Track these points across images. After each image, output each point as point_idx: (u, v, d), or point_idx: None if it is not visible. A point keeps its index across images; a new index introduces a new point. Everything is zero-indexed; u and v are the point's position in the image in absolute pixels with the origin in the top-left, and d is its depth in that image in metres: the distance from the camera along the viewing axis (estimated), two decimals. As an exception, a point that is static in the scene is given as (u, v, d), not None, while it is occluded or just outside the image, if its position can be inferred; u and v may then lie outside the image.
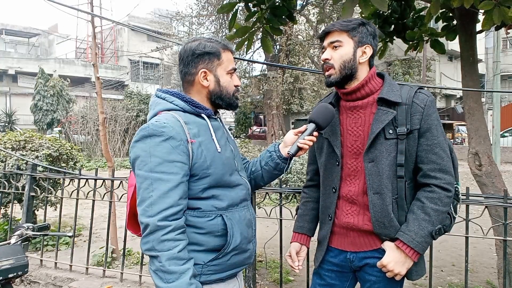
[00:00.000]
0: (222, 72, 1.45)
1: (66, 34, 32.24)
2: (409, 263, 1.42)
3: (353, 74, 1.49)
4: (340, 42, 1.48)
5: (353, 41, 1.48)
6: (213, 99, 1.46)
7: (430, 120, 1.43)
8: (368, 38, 1.49)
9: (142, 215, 1.26)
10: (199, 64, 1.42)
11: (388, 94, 1.45)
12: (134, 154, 1.32)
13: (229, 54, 1.47)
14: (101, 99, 4.02)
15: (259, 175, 1.61)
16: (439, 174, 1.42)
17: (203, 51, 1.42)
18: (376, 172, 1.45)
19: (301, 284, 3.48)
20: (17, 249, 1.76)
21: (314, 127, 1.50)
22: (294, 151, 1.49)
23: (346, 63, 1.48)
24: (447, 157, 1.44)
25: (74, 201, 3.35)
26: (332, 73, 1.50)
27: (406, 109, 1.44)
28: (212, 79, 1.44)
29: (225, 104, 1.48)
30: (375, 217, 1.45)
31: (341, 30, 1.48)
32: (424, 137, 1.44)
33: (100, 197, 3.24)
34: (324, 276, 1.62)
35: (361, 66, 1.50)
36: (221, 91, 1.45)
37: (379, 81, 1.53)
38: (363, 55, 1.49)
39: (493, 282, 3.52)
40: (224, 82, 1.45)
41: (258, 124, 27.85)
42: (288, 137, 1.57)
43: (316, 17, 15.48)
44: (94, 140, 15.73)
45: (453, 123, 20.89)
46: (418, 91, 1.47)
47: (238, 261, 1.41)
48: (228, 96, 1.46)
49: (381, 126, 1.43)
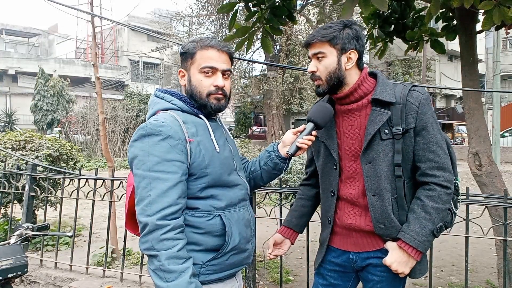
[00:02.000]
0: (194, 71, 1.42)
1: (66, 34, 32.29)
2: (412, 263, 1.42)
3: (341, 82, 1.47)
4: (322, 54, 1.45)
5: (335, 50, 1.44)
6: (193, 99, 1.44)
7: (425, 118, 1.42)
8: (352, 42, 1.44)
9: (141, 214, 1.25)
10: (181, 64, 1.46)
11: (382, 95, 1.44)
12: (132, 154, 1.32)
13: (207, 51, 1.40)
14: (101, 99, 4.02)
15: (258, 175, 1.61)
16: (438, 172, 1.41)
17: (182, 51, 1.45)
18: (374, 173, 1.45)
19: (301, 284, 3.48)
20: (16, 249, 1.76)
21: (312, 126, 1.49)
22: (293, 151, 1.48)
23: (332, 73, 1.45)
24: (444, 154, 1.43)
25: (74, 201, 3.35)
26: (320, 83, 1.49)
27: (401, 108, 1.42)
28: (186, 78, 1.44)
29: (197, 105, 1.42)
30: (376, 219, 1.45)
31: (322, 41, 1.45)
32: (420, 135, 1.42)
33: (100, 197, 3.24)
34: (327, 276, 1.62)
35: (349, 72, 1.47)
36: (191, 91, 1.42)
37: (372, 81, 1.51)
38: (349, 61, 1.45)
39: (493, 282, 3.52)
40: (195, 81, 1.40)
41: (258, 124, 27.83)
42: (287, 137, 1.56)
43: (316, 17, 15.49)
44: (94, 140, 15.73)
45: (453, 123, 20.89)
46: (412, 89, 1.45)
47: (236, 261, 1.41)
48: (199, 96, 1.40)
49: (376, 127, 1.42)
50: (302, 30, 16.08)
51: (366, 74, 1.51)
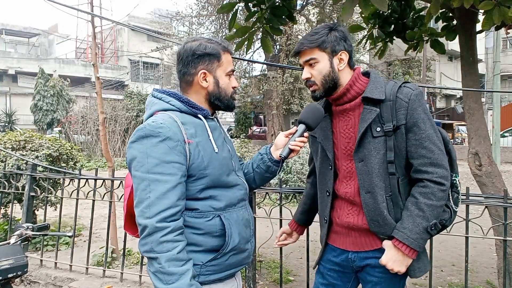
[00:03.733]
0: (221, 74, 1.44)
1: (66, 34, 32.28)
2: (408, 261, 1.42)
3: (336, 84, 1.49)
4: (314, 59, 1.48)
5: (326, 54, 1.47)
6: (212, 100, 1.46)
7: (416, 114, 1.41)
8: (340, 43, 1.47)
9: (140, 216, 1.24)
10: (199, 65, 1.42)
11: (371, 92, 1.44)
12: (130, 155, 1.31)
13: (228, 55, 1.47)
14: (101, 99, 4.02)
15: (251, 178, 1.61)
16: (431, 168, 1.40)
17: (204, 52, 1.41)
18: (366, 171, 1.45)
19: (301, 284, 3.48)
20: (16, 249, 1.76)
21: (304, 128, 1.51)
22: (286, 154, 1.50)
23: (327, 76, 1.48)
24: (438, 150, 1.41)
25: (74, 201, 3.35)
26: (315, 88, 1.52)
27: (391, 105, 1.42)
28: (211, 80, 1.43)
29: (223, 105, 1.48)
30: (369, 216, 1.46)
31: (311, 48, 1.47)
32: (412, 131, 1.42)
33: (100, 197, 3.24)
34: (326, 275, 1.63)
35: (342, 73, 1.50)
36: (219, 93, 1.45)
37: (364, 81, 1.52)
38: (341, 62, 1.49)
39: (493, 282, 3.52)
40: (223, 84, 1.45)
41: (258, 124, 27.82)
42: (279, 139, 1.57)
43: (316, 17, 15.48)
44: (94, 140, 15.72)
45: (453, 123, 20.90)
46: (402, 86, 1.46)
47: (236, 261, 1.41)
48: (226, 97, 1.47)
49: (365, 125, 1.43)
50: (302, 30, 16.05)
51: (359, 73, 1.53)
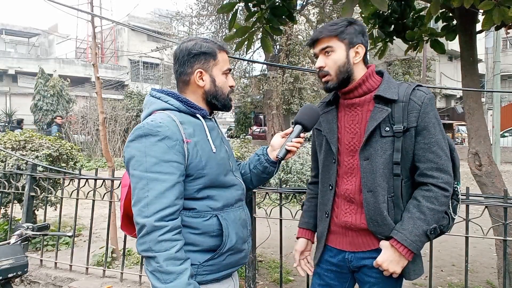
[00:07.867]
0: (217, 72, 1.44)
1: (66, 34, 32.22)
2: (403, 262, 1.42)
3: (350, 76, 1.49)
4: (331, 48, 1.47)
5: (344, 44, 1.47)
6: (209, 99, 1.46)
7: (427, 118, 1.42)
8: (358, 37, 1.48)
9: (138, 215, 1.24)
10: (195, 64, 1.42)
11: (385, 92, 1.45)
12: (129, 154, 1.31)
13: (224, 54, 1.47)
14: (101, 99, 4.02)
15: (248, 178, 1.61)
16: (437, 173, 1.41)
17: (199, 51, 1.41)
18: (370, 170, 1.45)
19: (301, 284, 3.48)
20: (16, 249, 1.76)
21: (300, 128, 1.51)
22: (283, 155, 1.50)
23: (341, 67, 1.47)
24: (445, 156, 1.42)
25: (74, 201, 3.35)
26: (329, 79, 1.50)
27: (403, 106, 1.42)
28: (207, 79, 1.43)
29: (220, 104, 1.47)
30: (369, 215, 1.46)
31: (330, 36, 1.47)
32: (421, 135, 1.42)
33: (100, 197, 3.24)
34: (323, 276, 1.63)
35: (356, 66, 1.49)
36: (216, 92, 1.45)
37: (377, 79, 1.52)
38: (356, 55, 1.48)
39: (493, 282, 3.52)
40: (220, 83, 1.45)
41: (258, 124, 27.82)
42: (275, 140, 1.57)
43: (316, 17, 15.50)
44: (94, 140, 15.71)
45: (453, 123, 20.89)
46: (416, 88, 1.46)
47: (233, 261, 1.41)
48: (223, 96, 1.47)
49: (375, 124, 1.43)
50: (302, 30, 16.07)
51: (373, 70, 1.53)
